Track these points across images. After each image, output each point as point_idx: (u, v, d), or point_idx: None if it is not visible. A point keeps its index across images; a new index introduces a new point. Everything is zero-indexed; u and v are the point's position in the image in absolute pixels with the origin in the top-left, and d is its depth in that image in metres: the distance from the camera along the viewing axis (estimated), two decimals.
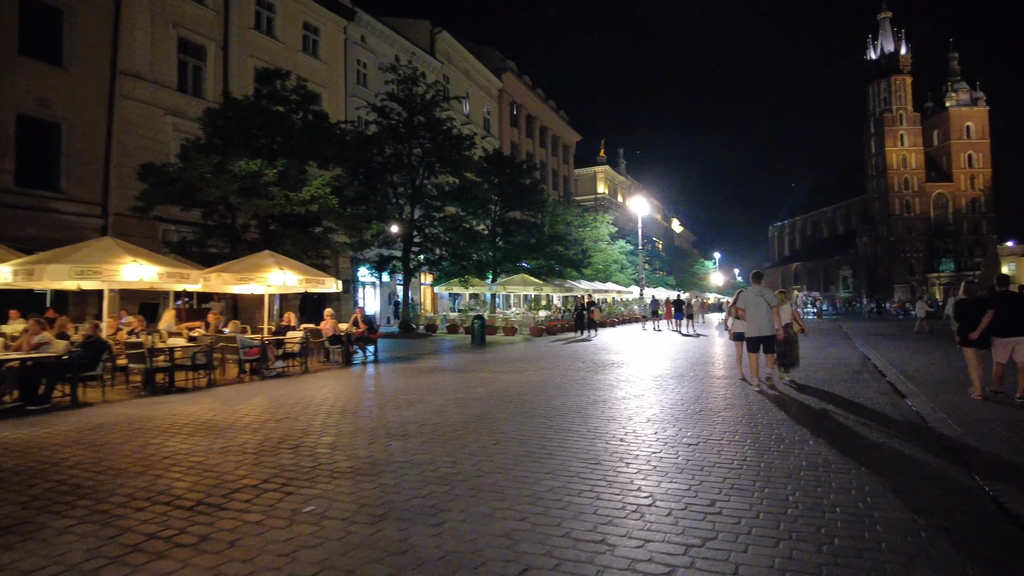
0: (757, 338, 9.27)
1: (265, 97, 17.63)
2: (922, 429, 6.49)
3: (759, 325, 9.20)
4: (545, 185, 55.00)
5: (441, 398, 8.83)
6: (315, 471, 5.11)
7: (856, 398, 8.44)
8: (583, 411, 7.67)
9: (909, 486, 4.49)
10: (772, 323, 9.14)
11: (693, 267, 74.02)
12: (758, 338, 9.27)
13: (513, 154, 42.56)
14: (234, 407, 8.34)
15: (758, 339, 9.27)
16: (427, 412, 7.72)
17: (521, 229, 29.54)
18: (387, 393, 9.56)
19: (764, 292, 9.34)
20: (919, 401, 8.05)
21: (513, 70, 50.30)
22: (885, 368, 11.86)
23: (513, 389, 9.64)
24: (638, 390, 9.41)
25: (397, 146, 23.59)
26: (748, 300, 9.40)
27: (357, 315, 14.71)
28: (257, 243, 17.81)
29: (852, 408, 7.71)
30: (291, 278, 12.42)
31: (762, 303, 9.21)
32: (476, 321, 19.79)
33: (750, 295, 9.44)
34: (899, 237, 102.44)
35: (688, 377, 10.90)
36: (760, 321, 9.18)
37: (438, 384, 10.40)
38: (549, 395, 9.02)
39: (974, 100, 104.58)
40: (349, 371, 12.74)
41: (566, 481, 4.69)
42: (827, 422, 6.86)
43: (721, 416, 7.24)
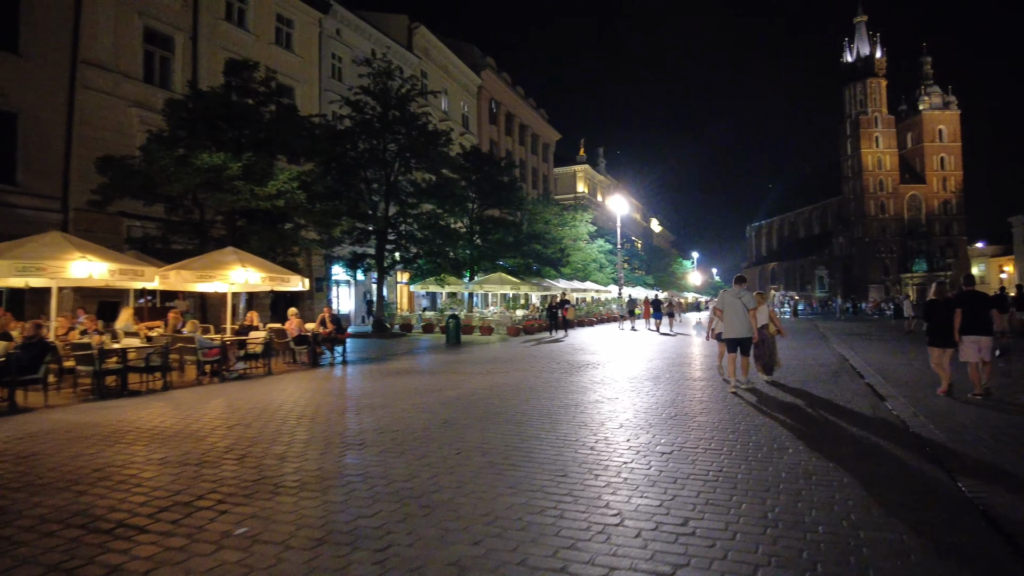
0: (733, 339, 9.31)
1: (233, 89, 17.03)
2: (904, 434, 6.24)
3: (736, 326, 9.23)
4: (524, 183, 54.68)
5: (406, 402, 8.42)
6: (257, 486, 4.69)
7: (836, 401, 8.20)
8: (553, 416, 7.32)
9: (895, 500, 4.20)
10: (749, 325, 9.15)
11: (671, 267, 74.28)
12: (734, 339, 9.30)
13: (492, 152, 42.19)
14: (185, 412, 7.85)
15: (734, 340, 9.30)
16: (390, 418, 7.31)
17: (499, 227, 29.15)
18: (350, 397, 9.12)
19: (742, 294, 9.34)
20: (899, 404, 7.82)
21: (492, 67, 49.86)
22: (863, 369, 11.69)
23: (483, 392, 9.26)
24: (612, 393, 9.09)
25: (371, 141, 23.05)
26: (726, 301, 9.44)
27: (324, 314, 14.22)
28: (224, 240, 17.22)
29: (832, 412, 7.46)
30: (254, 276, 11.92)
31: (739, 305, 9.22)
32: (450, 320, 19.37)
33: (729, 296, 9.48)
34: (874, 238, 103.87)
35: (664, 379, 10.61)
36: (737, 322, 9.21)
37: (405, 387, 9.98)
38: (520, 398, 8.66)
39: (946, 104, 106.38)
40: (314, 373, 12.26)
41: (529, 497, 4.33)
42: (807, 427, 6.59)
43: (697, 421, 6.94)
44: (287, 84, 28.58)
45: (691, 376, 11.08)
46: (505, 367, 12.78)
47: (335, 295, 31.00)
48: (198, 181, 13.92)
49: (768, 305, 10.89)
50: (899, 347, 16.83)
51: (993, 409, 7.48)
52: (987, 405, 7.70)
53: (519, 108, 55.25)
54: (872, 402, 8.15)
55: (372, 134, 22.83)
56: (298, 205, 15.09)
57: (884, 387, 9.28)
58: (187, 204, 17.24)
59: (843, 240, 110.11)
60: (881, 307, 48.45)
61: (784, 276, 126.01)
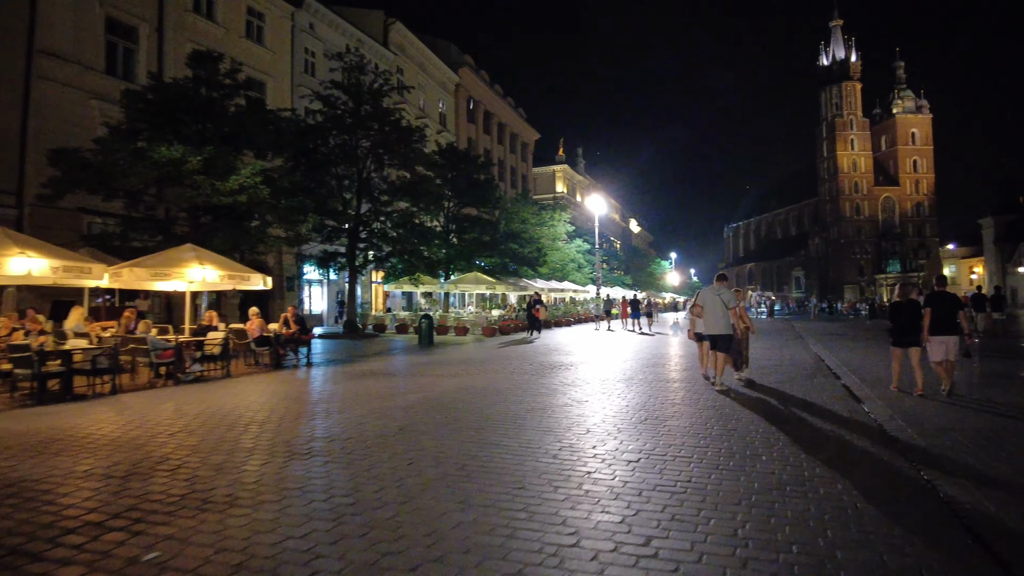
0: (711, 336, 9.37)
1: (197, 81, 16.42)
2: (882, 438, 5.98)
3: (714, 324, 9.24)
4: (503, 183, 54.30)
5: (365, 407, 7.99)
6: (183, 501, 4.25)
7: (812, 402, 7.96)
8: (518, 421, 6.95)
9: (874, 515, 3.90)
10: (727, 322, 9.18)
11: (650, 267, 74.46)
12: (712, 336, 9.34)
13: (470, 150, 41.70)
14: (128, 418, 7.35)
15: (712, 337, 9.35)
16: (344, 424, 6.88)
17: (475, 226, 28.73)
18: (307, 401, 8.66)
19: (721, 292, 9.30)
20: (876, 407, 7.58)
21: (470, 64, 49.41)
22: (839, 370, 11.50)
23: (448, 396, 8.86)
24: (582, 395, 8.75)
25: (343, 136, 22.50)
26: (706, 299, 9.46)
27: (288, 314, 13.70)
28: (187, 237, 16.63)
29: (808, 414, 7.19)
30: (212, 274, 11.41)
31: (718, 303, 9.21)
32: (423, 321, 18.90)
33: (708, 294, 9.50)
34: (849, 239, 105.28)
35: (637, 380, 10.30)
36: (714, 320, 9.23)
37: (367, 391, 9.54)
38: (486, 402, 8.27)
39: (919, 108, 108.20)
40: (275, 376, 11.76)
41: (480, 513, 3.95)
42: (782, 432, 6.30)
43: (668, 426, 6.61)
44: (258, 79, 27.90)
45: (665, 377, 10.79)
46: (475, 369, 12.39)
47: (307, 295, 30.35)
48: (155, 175, 13.33)
49: (741, 303, 10.71)
50: (874, 347, 16.73)
51: (970, 409, 7.29)
52: (964, 405, 7.52)
53: (497, 107, 54.87)
54: (848, 404, 7.91)
55: (343, 129, 22.29)
56: (262, 201, 14.56)
57: (860, 388, 9.06)
58: (149, 200, 16.61)
59: (819, 241, 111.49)
60: (856, 307, 48.86)
61: (761, 276, 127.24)
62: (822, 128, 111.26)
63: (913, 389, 8.32)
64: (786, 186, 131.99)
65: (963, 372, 10.43)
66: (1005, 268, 60.95)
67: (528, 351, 16.58)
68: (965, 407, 7.57)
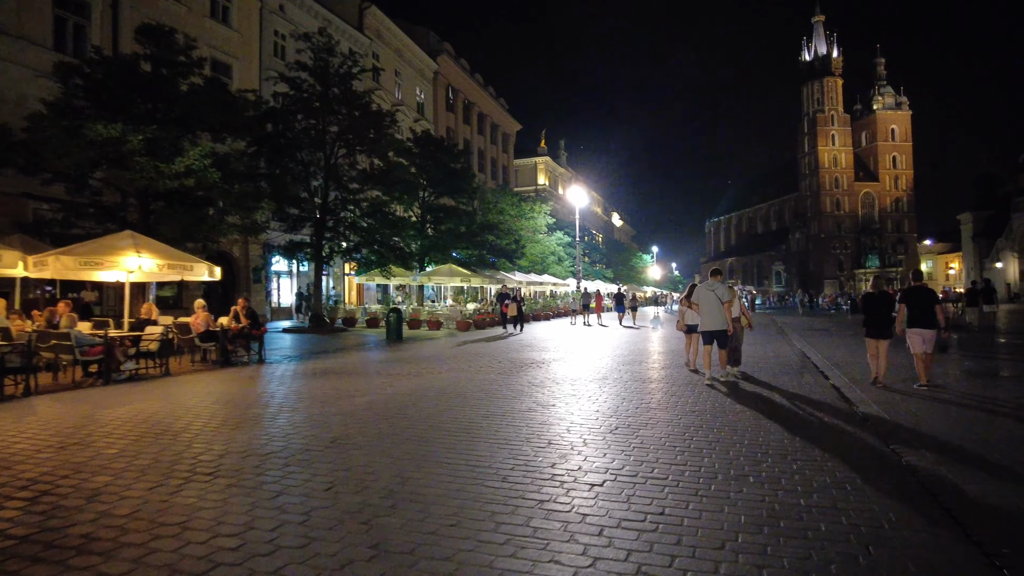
0: (708, 332, 9.26)
1: (147, 58, 15.26)
2: (887, 457, 5.21)
3: (709, 319, 9.18)
4: (483, 174, 53.34)
5: (303, 413, 7.08)
6: (21, 547, 3.33)
7: (802, 407, 7.19)
8: (472, 430, 6.08)
9: (889, 559, 3.08)
10: (723, 318, 9.05)
11: (631, 260, 73.94)
12: (709, 332, 9.24)
13: (449, 140, 40.65)
14: (18, 427, 6.36)
15: (709, 333, 9.25)
16: (270, 435, 5.98)
17: (451, 216, 27.78)
18: (240, 406, 7.71)
19: (715, 287, 9.21)
20: (872, 411, 6.83)
21: (450, 53, 48.27)
22: (827, 369, 10.79)
23: (400, 399, 7.97)
24: (549, 398, 7.91)
25: (310, 121, 21.39)
26: (701, 295, 9.40)
27: (238, 307, 12.68)
28: (138, 225, 15.53)
29: (799, 425, 6.41)
30: (148, 262, 10.37)
31: (713, 298, 9.13)
32: (391, 315, 17.93)
33: (703, 290, 9.40)
34: (829, 234, 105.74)
35: (612, 380, 9.49)
36: (710, 315, 9.17)
37: (312, 393, 8.62)
38: (440, 407, 7.40)
39: (898, 104, 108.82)
40: (219, 375, 10.77)
41: (392, 565, 3.07)
42: (771, 445, 5.50)
43: (641, 436, 5.79)
44: (223, 61, 26.69)
45: (642, 376, 9.98)
46: (440, 367, 11.50)
47: (275, 287, 29.21)
48: (92, 155, 12.21)
49: (738, 299, 10.48)
50: (860, 343, 16.05)
51: (966, 407, 6.56)
52: (960, 404, 6.79)
53: (478, 96, 53.79)
54: (842, 408, 7.15)
55: (310, 113, 21.17)
56: (212, 185, 13.47)
57: (852, 390, 8.32)
58: (95, 184, 15.47)
59: (799, 236, 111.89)
60: (838, 301, 48.63)
61: (742, 271, 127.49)
62: (803, 123, 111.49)
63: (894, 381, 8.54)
64: (767, 181, 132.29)
65: (942, 366, 9.83)
66: (983, 263, 61.26)
67: (500, 347, 15.73)
68: (966, 406, 6.85)
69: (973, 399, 7.64)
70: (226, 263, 26.89)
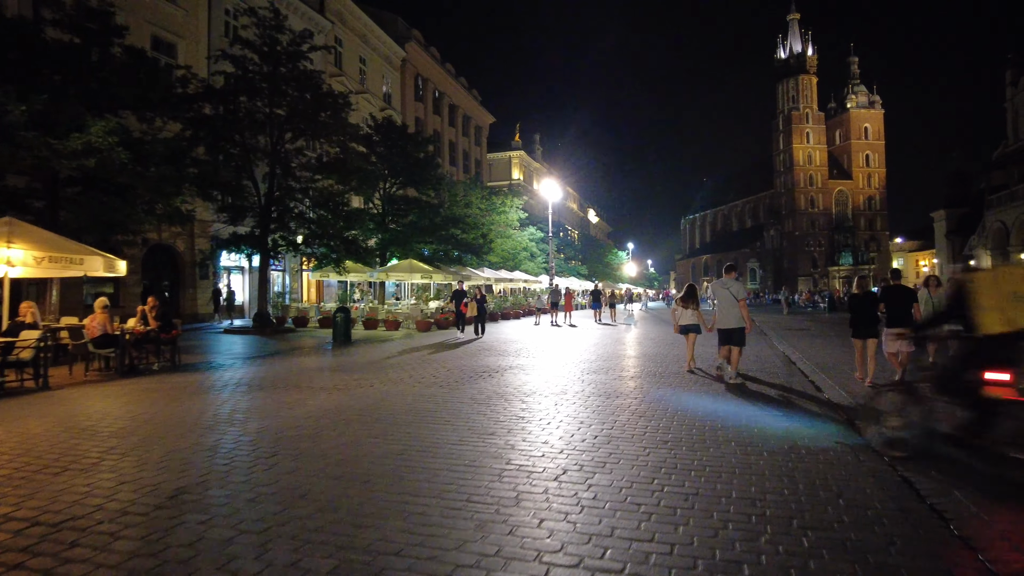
0: (724, 330, 9.02)
1: (48, 22, 13.42)
2: (903, 489, 3.83)
3: (725, 317, 8.96)
4: (455, 167, 51.69)
5: (170, 445, 5.50)
6: None
7: (797, 432, 5.80)
8: (374, 478, 4.57)
9: None
10: (739, 315, 8.86)
11: (606, 257, 72.84)
12: (724, 330, 9.01)
13: (418, 130, 38.91)
14: None
15: (724, 331, 9.01)
16: (100, 483, 4.40)
17: (413, 209, 26.13)
18: (96, 435, 6.07)
19: (729, 284, 9.00)
20: (873, 433, 5.48)
21: (419, 40, 46.48)
22: (821, 381, 9.46)
23: (307, 424, 6.43)
24: (491, 422, 6.43)
25: (256, 103, 19.58)
26: (716, 292, 9.19)
27: (147, 307, 10.99)
28: (43, 213, 13.72)
29: (796, 457, 5.01)
30: (17, 254, 8.66)
31: (727, 295, 8.94)
32: (338, 315, 16.27)
33: (717, 287, 9.16)
34: (803, 231, 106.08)
35: (572, 394, 8.04)
36: (726, 313, 8.95)
37: (202, 415, 7.02)
38: (351, 436, 5.87)
39: (871, 103, 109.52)
40: (109, 388, 9.08)
41: None
42: (766, 500, 4.08)
43: (596, 487, 4.34)
44: (166, 39, 24.77)
45: (608, 389, 8.55)
46: (377, 376, 9.95)
47: (224, 283, 27.30)
48: None
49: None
50: (847, 344, 14.89)
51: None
52: None
53: (449, 87, 52.07)
54: (839, 430, 5.78)
55: (254, 94, 19.36)
56: (121, 167, 11.70)
57: (848, 400, 6.98)
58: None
59: (774, 233, 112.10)
60: (815, 299, 47.90)
61: (717, 268, 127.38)
62: (779, 121, 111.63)
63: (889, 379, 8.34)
64: (742, 178, 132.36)
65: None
66: (955, 261, 61.24)
67: (454, 352, 14.22)
68: None
69: None
70: (169, 258, 25.00)
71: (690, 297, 10.41)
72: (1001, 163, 53.59)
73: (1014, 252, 48.14)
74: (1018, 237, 47.75)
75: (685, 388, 8.61)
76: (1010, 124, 53.14)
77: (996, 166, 54.30)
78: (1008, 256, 48.97)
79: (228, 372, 10.57)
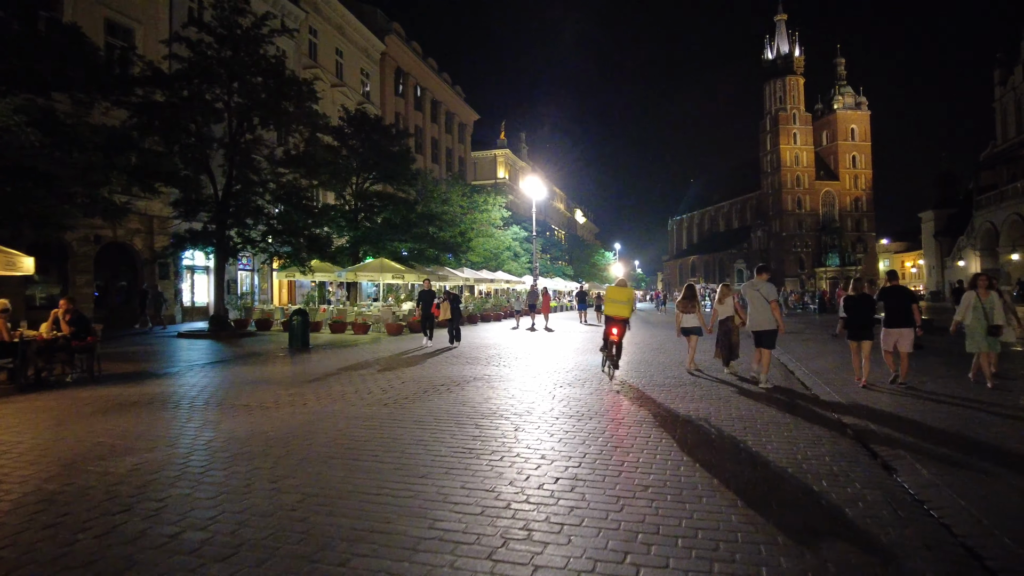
0: (756, 332, 8.87)
1: None
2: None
3: (757, 319, 8.82)
4: (438, 164, 50.37)
5: (29, 486, 4.20)
6: None
7: (808, 474, 4.59)
8: (252, 544, 3.30)
9: None
10: (770, 317, 8.67)
11: (593, 258, 71.77)
12: (757, 332, 8.85)
13: (394, 123, 37.55)
14: None
15: (757, 333, 8.86)
16: None
17: (387, 205, 24.78)
18: None
19: (760, 286, 8.86)
20: (906, 467, 4.28)
21: (399, 33, 45.11)
22: (823, 392, 8.28)
23: (200, 458, 5.13)
24: (431, 457, 5.17)
25: (214, 90, 18.17)
26: (748, 295, 9.01)
27: (59, 311, 9.62)
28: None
29: (813, 517, 3.80)
30: None
31: (759, 297, 8.78)
32: (295, 317, 14.92)
33: (748, 288, 9.04)
34: (790, 232, 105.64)
35: (537, 416, 6.79)
36: (758, 315, 8.81)
37: (78, 443, 5.69)
38: (250, 477, 4.58)
39: (858, 104, 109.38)
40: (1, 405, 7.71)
41: None
42: (772, 543, 2.86)
43: (553, 561, 3.09)
44: (123, 24, 23.23)
45: (580, 410, 7.30)
46: (318, 392, 8.64)
47: (187, 284, 25.79)
48: None
49: (732, 297, 10.27)
50: (842, 348, 13.79)
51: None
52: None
53: (431, 82, 50.71)
54: (849, 450, 4.59)
55: (212, 81, 17.95)
56: (31, 150, 10.29)
57: (857, 421, 5.79)
58: None
59: (761, 234, 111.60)
60: (805, 301, 46.98)
61: (704, 269, 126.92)
62: (766, 122, 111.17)
63: (885, 381, 8.72)
64: (729, 179, 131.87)
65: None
66: (944, 262, 60.77)
67: (419, 359, 12.93)
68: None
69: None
70: (126, 256, 23.49)
71: (690, 299, 10.31)
72: (990, 163, 53.10)
73: (1003, 253, 47.59)
74: (1008, 238, 47.18)
75: (673, 404, 7.39)
76: (999, 124, 52.65)
77: (985, 166, 53.81)
78: (997, 257, 48.43)
79: (149, 385, 9.21)
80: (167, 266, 24.01)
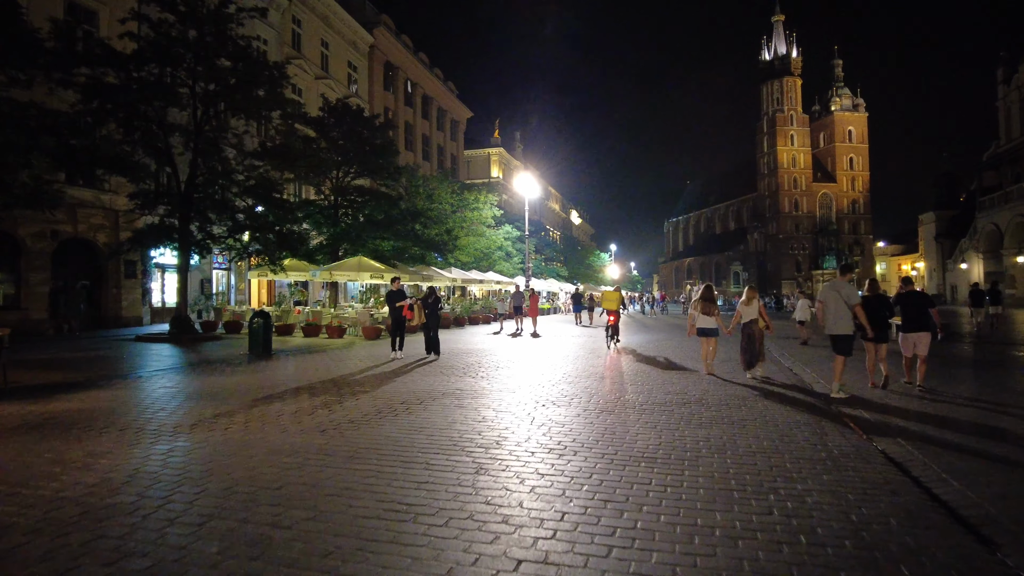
0: (831, 336, 8.21)
1: None
2: None
3: (834, 322, 8.16)
4: (428, 162, 49.03)
5: None
6: None
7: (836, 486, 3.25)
8: None
9: None
10: (850, 321, 8.05)
11: (588, 259, 70.48)
12: (833, 336, 8.19)
13: (377, 114, 36.15)
14: None
15: (833, 337, 8.19)
16: None
17: (369, 201, 23.39)
18: None
19: (840, 287, 8.22)
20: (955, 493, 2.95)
21: (388, 26, 43.72)
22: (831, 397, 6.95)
23: (46, 513, 3.74)
24: (355, 519, 3.79)
25: (177, 73, 16.75)
26: (827, 296, 8.33)
27: None
28: None
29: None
30: None
31: (839, 299, 8.12)
32: (255, 320, 13.52)
33: (827, 290, 8.41)
34: (787, 234, 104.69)
35: (507, 450, 5.43)
36: (835, 318, 8.14)
37: None
38: (87, 555, 3.20)
39: (855, 106, 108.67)
40: None
41: None
42: None
43: None
44: (85, 5, 21.79)
45: (565, 438, 5.93)
46: (251, 413, 7.25)
47: (157, 283, 24.33)
48: None
49: (758, 300, 10.02)
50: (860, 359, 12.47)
51: None
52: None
53: (422, 77, 49.35)
54: (883, 477, 3.25)
55: (174, 63, 16.52)
56: None
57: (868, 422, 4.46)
58: None
59: (758, 236, 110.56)
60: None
61: (700, 271, 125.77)
62: (763, 123, 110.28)
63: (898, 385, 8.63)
64: (725, 181, 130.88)
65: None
66: (945, 265, 59.68)
67: (385, 370, 11.56)
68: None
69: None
70: (89, 254, 22.04)
71: (710, 300, 10.07)
72: (993, 163, 52.03)
73: (1008, 255, 46.47)
74: (1013, 239, 46.06)
75: (679, 430, 6.04)
76: (1002, 123, 51.55)
77: (988, 167, 52.75)
78: (1001, 260, 47.33)
79: (59, 400, 7.79)
80: (133, 264, 22.58)
